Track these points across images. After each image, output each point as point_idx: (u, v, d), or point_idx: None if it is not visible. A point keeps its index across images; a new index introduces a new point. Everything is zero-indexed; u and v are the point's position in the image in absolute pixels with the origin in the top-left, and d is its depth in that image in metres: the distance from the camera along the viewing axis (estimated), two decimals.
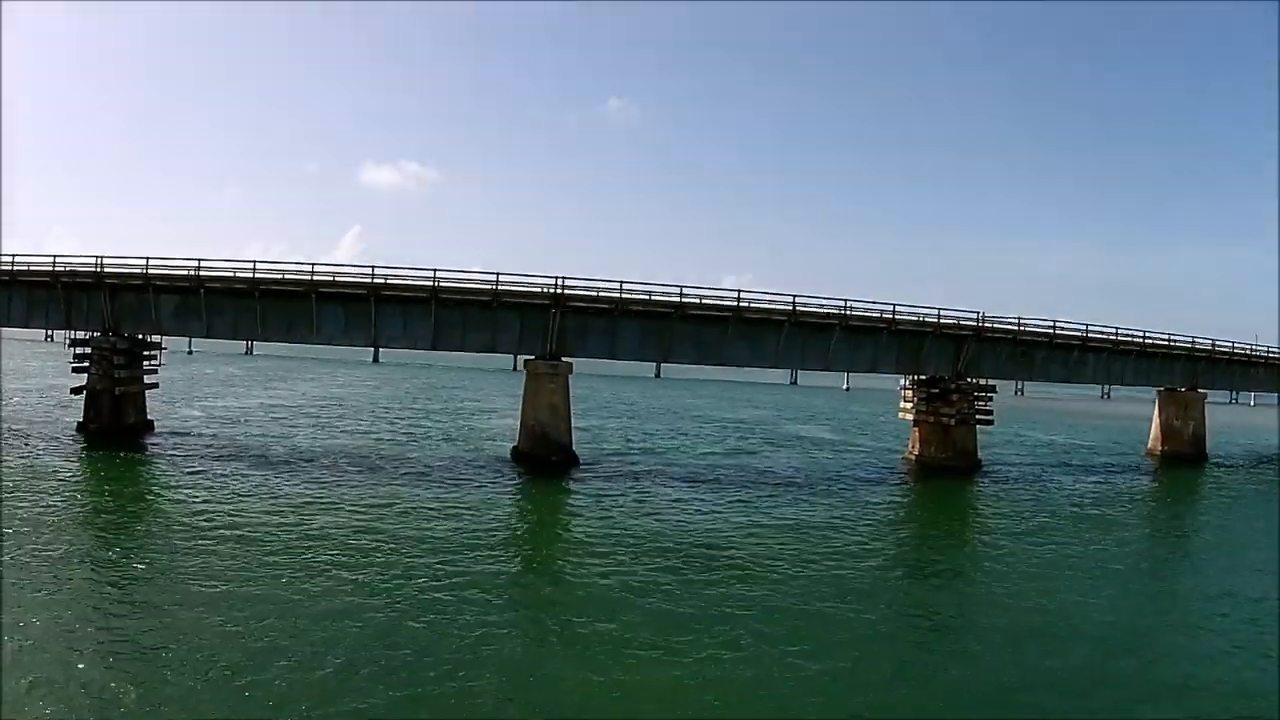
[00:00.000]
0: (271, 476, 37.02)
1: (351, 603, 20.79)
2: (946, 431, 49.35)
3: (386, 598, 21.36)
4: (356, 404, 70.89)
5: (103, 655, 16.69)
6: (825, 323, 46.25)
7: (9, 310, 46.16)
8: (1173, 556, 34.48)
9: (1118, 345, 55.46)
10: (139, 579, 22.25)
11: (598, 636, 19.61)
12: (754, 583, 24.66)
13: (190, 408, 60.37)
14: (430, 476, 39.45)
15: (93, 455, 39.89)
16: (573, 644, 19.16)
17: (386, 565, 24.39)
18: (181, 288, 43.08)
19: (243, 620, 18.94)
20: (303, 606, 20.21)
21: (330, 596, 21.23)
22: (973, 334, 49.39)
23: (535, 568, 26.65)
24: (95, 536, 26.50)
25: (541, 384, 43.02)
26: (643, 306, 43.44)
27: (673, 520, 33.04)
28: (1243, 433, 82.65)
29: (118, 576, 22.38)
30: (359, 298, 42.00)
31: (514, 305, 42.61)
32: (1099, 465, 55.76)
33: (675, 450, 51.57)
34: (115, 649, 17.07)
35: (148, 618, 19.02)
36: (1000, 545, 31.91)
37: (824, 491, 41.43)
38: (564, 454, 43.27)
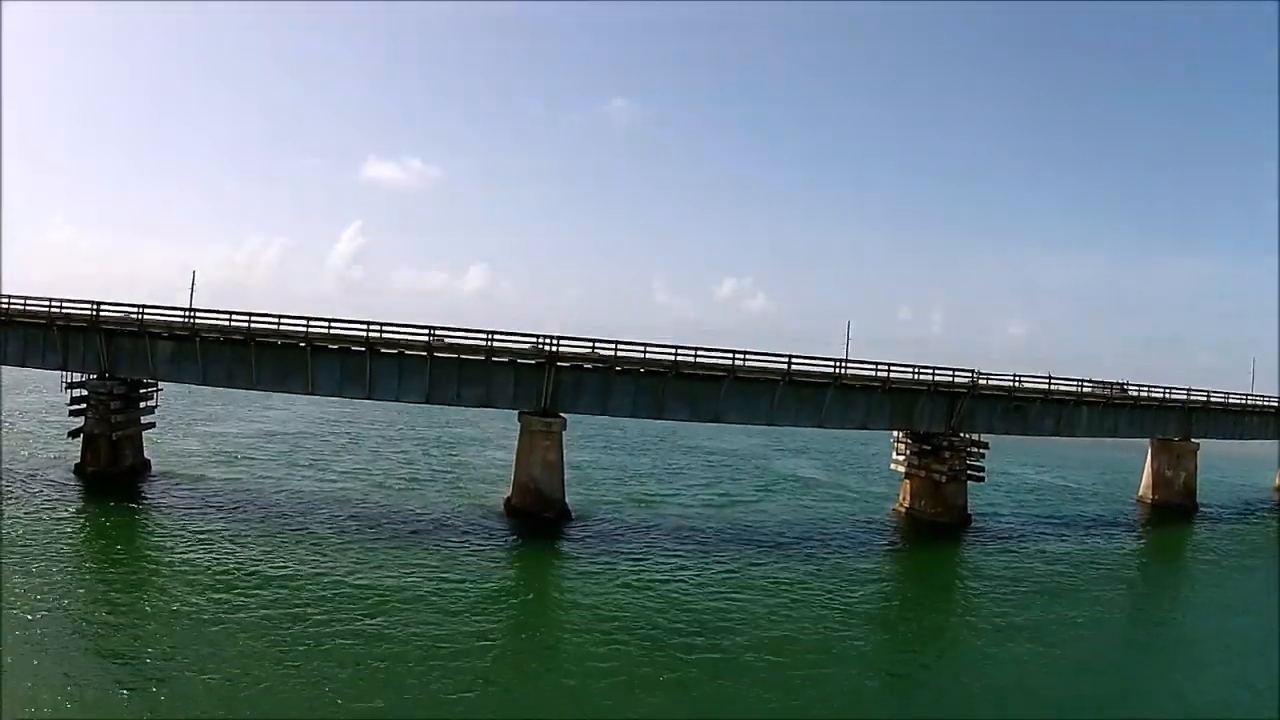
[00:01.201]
0: (263, 530, 37.42)
1: (335, 675, 22.27)
2: (938, 487, 49.57)
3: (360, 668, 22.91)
4: (354, 429, 70.99)
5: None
6: (820, 382, 46.40)
7: (6, 349, 46.04)
8: (1143, 640, 34.53)
9: (1111, 400, 55.75)
10: (127, 650, 23.32)
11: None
12: (741, 676, 25.09)
13: (189, 437, 60.49)
14: (422, 533, 39.66)
15: (89, 503, 40.07)
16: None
17: (372, 639, 25.69)
18: (177, 335, 43.11)
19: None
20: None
21: (314, 666, 22.78)
22: (966, 391, 49.56)
23: (518, 652, 26.99)
24: (85, 597, 27.80)
25: (536, 441, 43.09)
26: (638, 366, 43.54)
27: (662, 591, 33.43)
28: (1236, 467, 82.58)
29: (106, 643, 23.64)
30: (355, 351, 42.03)
31: (508, 361, 42.71)
32: (1088, 519, 55.79)
33: (667, 501, 51.49)
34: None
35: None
36: (982, 627, 32.07)
37: (812, 555, 41.44)
38: (557, 510, 43.36)
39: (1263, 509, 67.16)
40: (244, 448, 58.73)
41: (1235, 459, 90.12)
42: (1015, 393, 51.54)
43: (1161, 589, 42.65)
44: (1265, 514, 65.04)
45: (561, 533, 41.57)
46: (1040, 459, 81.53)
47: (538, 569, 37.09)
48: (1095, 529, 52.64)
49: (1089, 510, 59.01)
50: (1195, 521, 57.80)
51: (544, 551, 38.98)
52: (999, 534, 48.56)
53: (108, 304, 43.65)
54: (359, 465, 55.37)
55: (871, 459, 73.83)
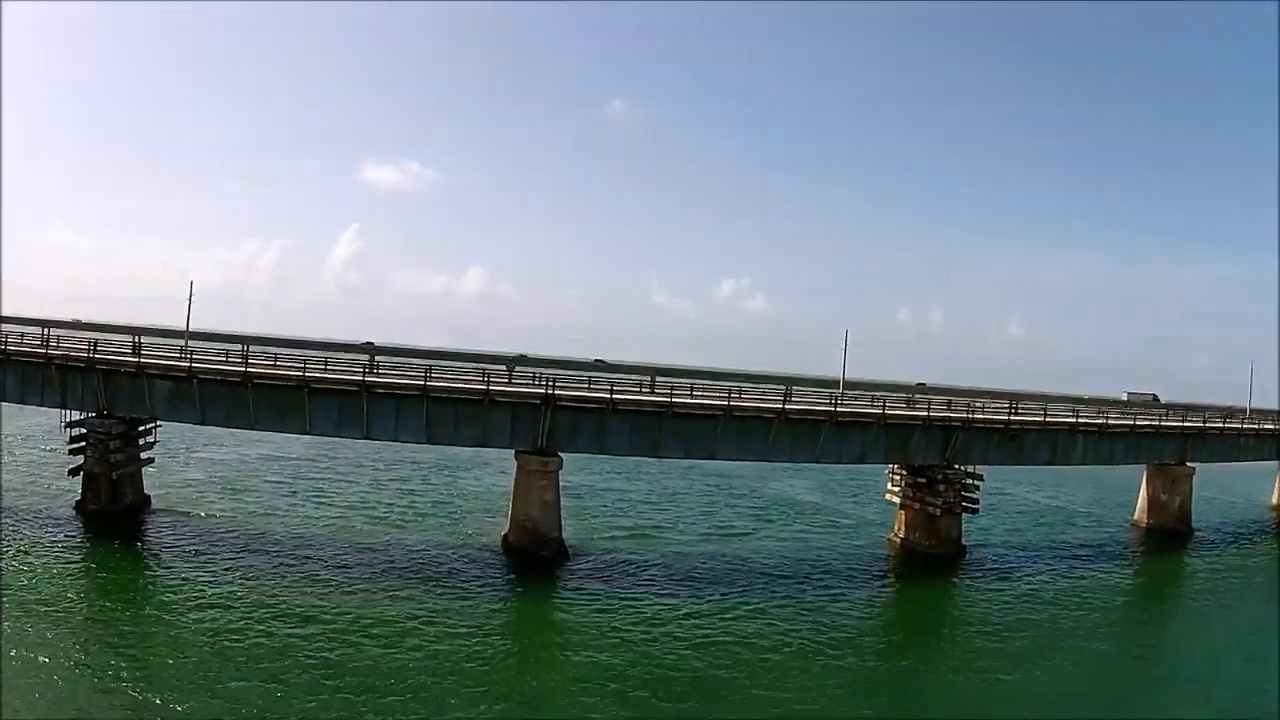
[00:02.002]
0: (263, 569, 38.21)
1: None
2: (932, 520, 49.82)
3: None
4: (354, 453, 71.10)
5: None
6: (814, 419, 46.64)
7: (4, 385, 46.20)
8: (1129, 678, 34.81)
9: (1107, 428, 55.96)
10: (129, 689, 24.81)
11: None
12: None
13: (189, 464, 60.74)
14: (421, 572, 40.25)
15: (92, 544, 40.61)
16: None
17: (360, 687, 26.77)
18: (175, 376, 43.35)
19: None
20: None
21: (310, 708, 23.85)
22: (962, 424, 49.80)
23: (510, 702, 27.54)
24: (87, 639, 29.10)
25: (533, 481, 43.38)
26: (633, 406, 43.78)
27: (657, 640, 34.10)
28: (1233, 483, 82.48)
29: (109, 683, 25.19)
30: (351, 393, 42.27)
31: (505, 403, 42.96)
32: (1081, 548, 55.89)
33: (663, 533, 51.69)
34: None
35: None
36: (966, 688, 32.38)
37: (807, 590, 41.97)
38: (554, 548, 43.63)
39: (1257, 531, 67.58)
40: (245, 475, 58.98)
41: (1232, 471, 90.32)
42: (1010, 424, 51.71)
43: (1149, 632, 42.65)
44: (1259, 537, 65.46)
45: (558, 573, 41.88)
46: (1035, 476, 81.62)
47: (533, 616, 37.44)
48: (1088, 560, 52.72)
49: (1082, 536, 59.19)
50: (1189, 549, 58.09)
51: (540, 596, 39.33)
52: (991, 567, 48.83)
53: (104, 347, 43.91)
54: (359, 496, 55.52)
55: (866, 478, 74.00)
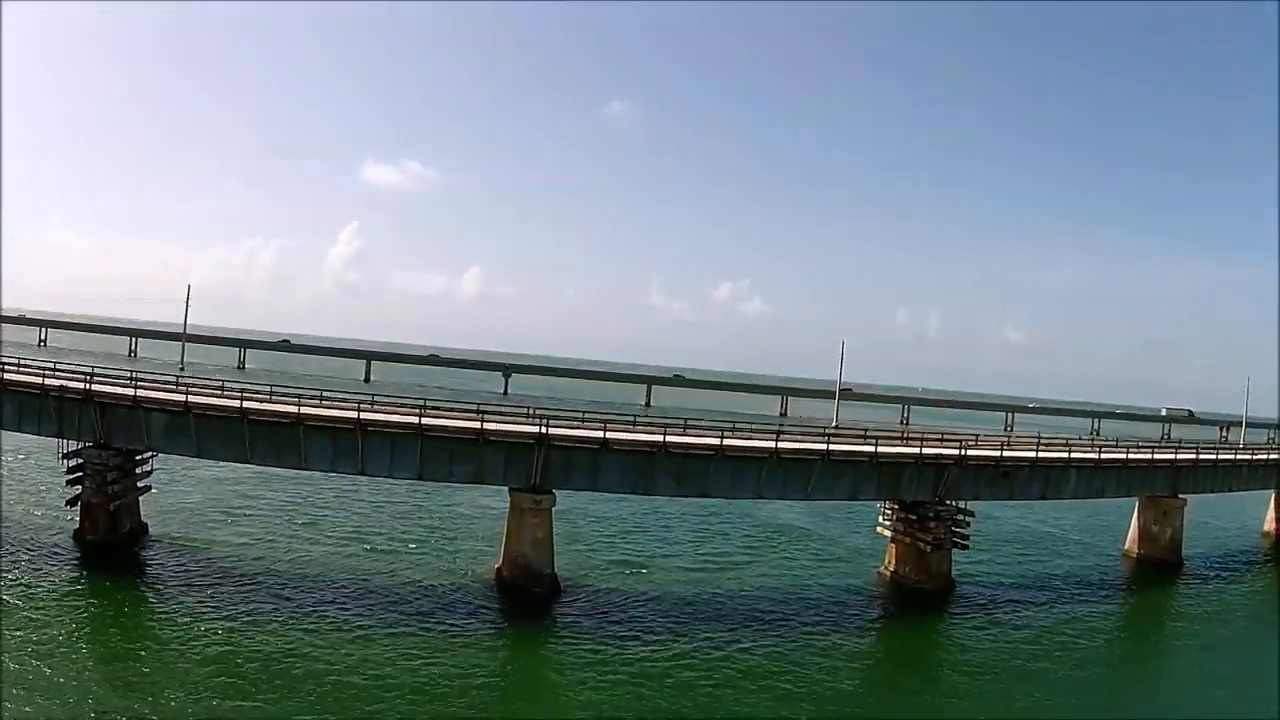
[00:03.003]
0: (257, 604, 38.80)
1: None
2: (923, 555, 50.10)
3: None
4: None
5: None
6: (807, 459, 46.95)
7: (1, 414, 46.52)
8: None
9: (1100, 463, 56.24)
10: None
11: None
12: None
13: (186, 481, 60.83)
14: (415, 606, 40.69)
15: (89, 575, 41.02)
16: None
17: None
18: (171, 410, 43.64)
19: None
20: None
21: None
22: (954, 462, 50.09)
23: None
24: (84, 674, 30.35)
25: (526, 519, 43.68)
26: (626, 446, 44.10)
27: (647, 674, 35.24)
28: (1226, 507, 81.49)
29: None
30: (346, 431, 42.55)
31: (499, 442, 43.26)
32: (1071, 581, 56.07)
33: (656, 565, 51.77)
34: None
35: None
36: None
37: (796, 630, 42.27)
38: (546, 585, 43.91)
39: (1249, 561, 67.60)
40: (240, 496, 58.98)
41: (1225, 495, 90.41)
42: (1003, 461, 52.00)
43: (1137, 676, 42.93)
44: (1249, 569, 65.43)
45: (551, 610, 42.27)
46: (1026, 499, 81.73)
47: (526, 656, 37.76)
48: (1076, 597, 52.61)
49: (1072, 568, 59.25)
50: (1179, 582, 58.19)
51: (533, 635, 39.61)
52: (981, 603, 48.94)
53: (100, 378, 44.19)
54: (355, 521, 55.66)
55: (857, 503, 74.11)
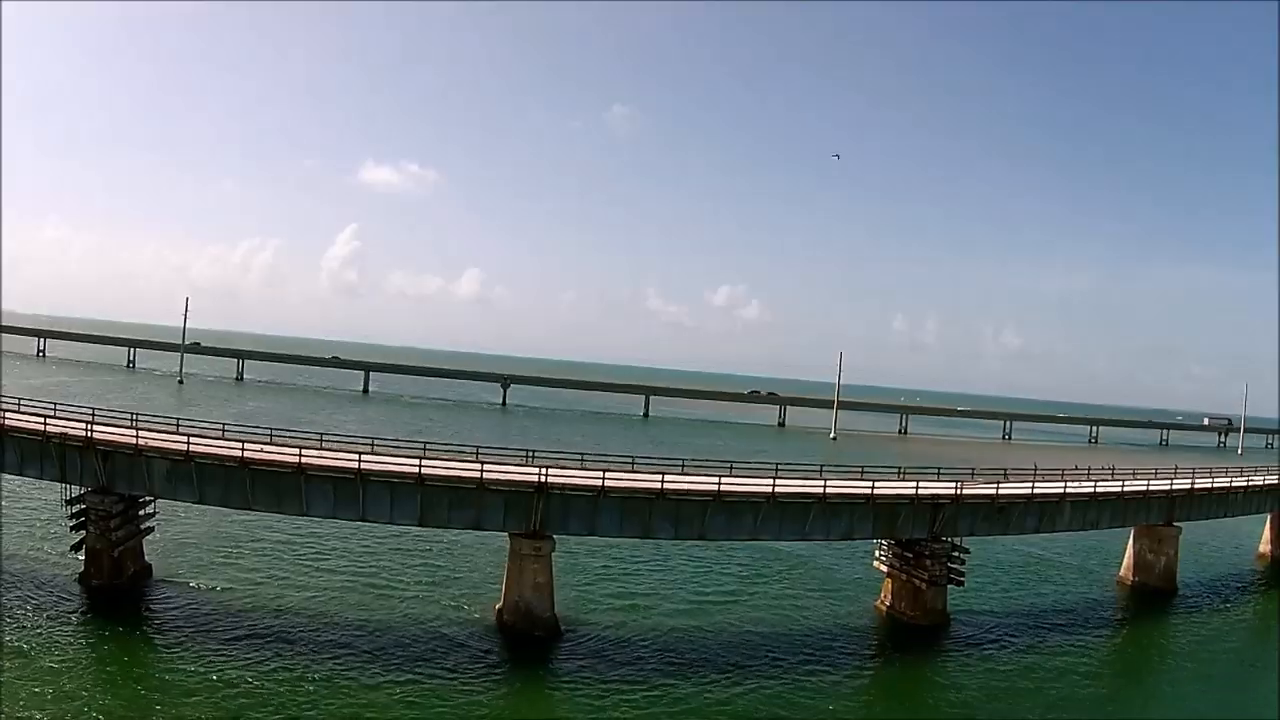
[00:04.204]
0: (261, 647, 39.51)
1: None
2: (918, 593, 50.60)
3: None
4: None
5: None
6: (803, 501, 47.40)
7: (3, 459, 46.77)
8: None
9: (1095, 497, 56.68)
10: None
11: None
12: None
13: (189, 516, 60.71)
14: (416, 650, 41.22)
15: (95, 620, 41.41)
16: None
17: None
18: (173, 458, 43.96)
19: None
20: None
21: None
22: (950, 501, 50.56)
23: None
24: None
25: (525, 564, 44.09)
26: (624, 493, 44.57)
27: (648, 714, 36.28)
28: (1220, 528, 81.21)
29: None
30: (347, 480, 42.94)
31: (498, 490, 43.68)
32: (1066, 610, 56.65)
33: (654, 602, 52.08)
34: None
35: None
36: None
37: (793, 670, 42.88)
38: (547, 628, 44.31)
39: (1243, 586, 67.93)
40: (243, 530, 58.39)
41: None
42: (997, 499, 52.44)
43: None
44: (1243, 595, 65.85)
45: (551, 654, 42.74)
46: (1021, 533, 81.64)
47: (526, 704, 38.07)
48: (1070, 629, 53.06)
49: (1066, 599, 59.66)
50: (1173, 612, 58.71)
51: (533, 681, 40.17)
52: (976, 640, 49.29)
53: (101, 424, 44.54)
54: (358, 558, 55.75)
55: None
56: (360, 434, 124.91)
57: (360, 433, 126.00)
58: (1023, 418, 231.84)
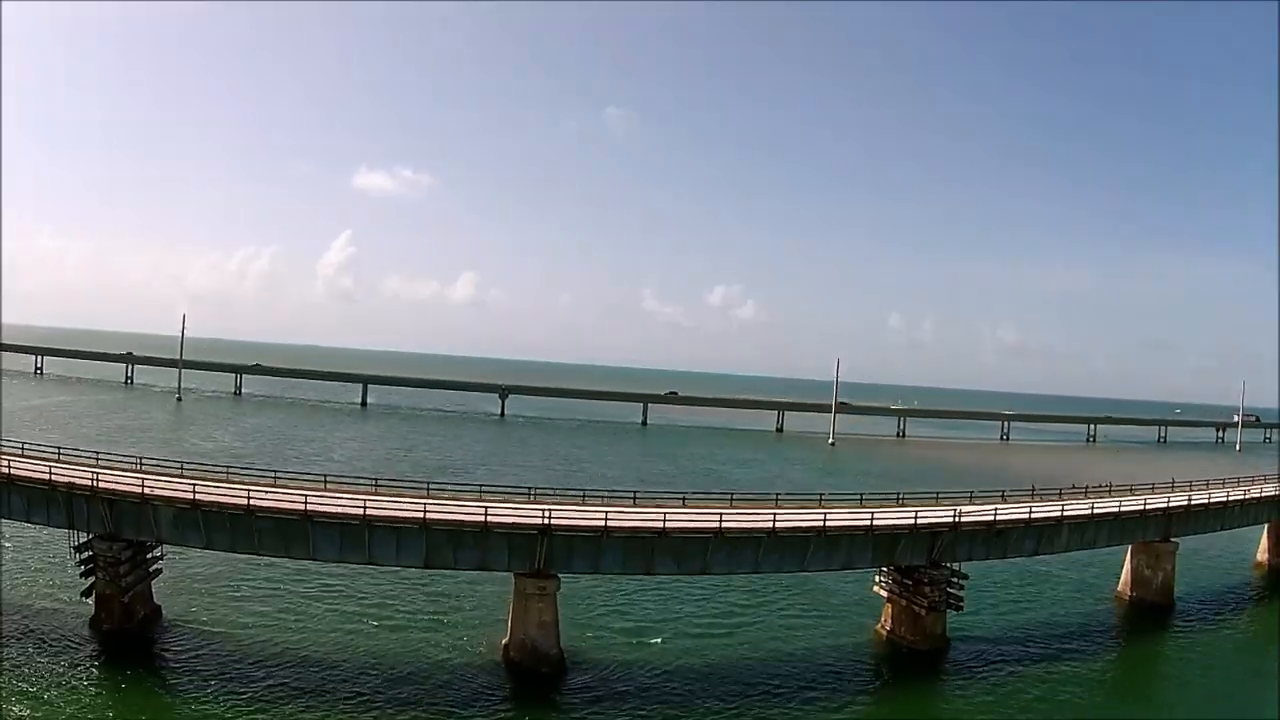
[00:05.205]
0: (273, 690, 40.29)
1: None
2: (918, 619, 51.18)
3: None
4: None
5: None
6: (803, 534, 47.98)
7: (9, 506, 47.02)
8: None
9: (1093, 517, 57.22)
10: None
11: None
12: None
13: (195, 550, 60.77)
14: (425, 688, 41.99)
15: (107, 665, 41.95)
16: None
17: None
18: (179, 506, 44.34)
19: None
20: None
21: None
22: (949, 528, 51.13)
23: None
24: None
25: (530, 603, 44.61)
26: (627, 532, 45.16)
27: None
28: (1217, 538, 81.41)
29: None
30: (352, 525, 43.42)
31: (503, 533, 44.20)
32: (1063, 630, 56.99)
33: (657, 630, 52.69)
34: None
35: None
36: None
37: (794, 702, 43.55)
38: (553, 664, 44.85)
39: (1240, 599, 68.00)
40: (255, 565, 56.69)
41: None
42: (996, 524, 53.00)
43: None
44: (1240, 607, 66.01)
45: (557, 692, 43.26)
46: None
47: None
48: (1068, 647, 53.70)
49: (1064, 616, 60.06)
50: (1171, 628, 59.14)
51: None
52: (974, 664, 49.89)
53: (106, 470, 44.93)
54: (364, 594, 55.67)
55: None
56: (360, 452, 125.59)
57: (361, 450, 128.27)
58: (1020, 418, 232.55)
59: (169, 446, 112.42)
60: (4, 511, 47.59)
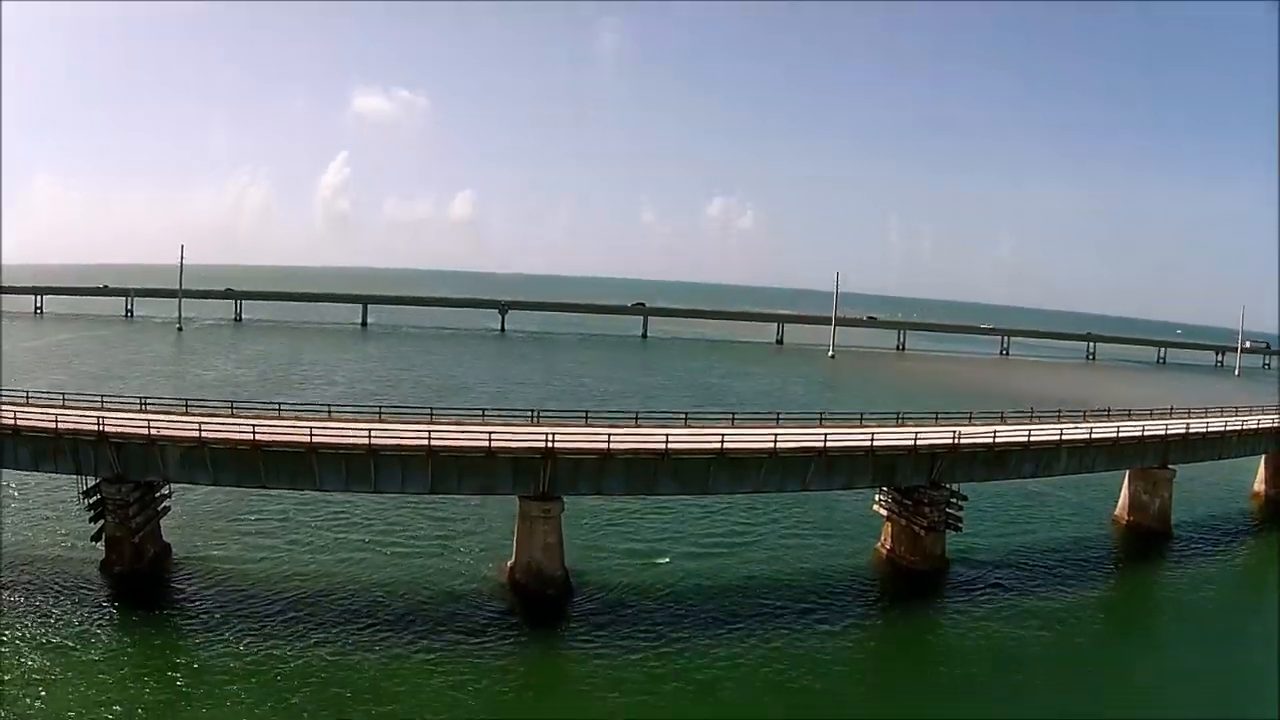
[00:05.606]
0: (283, 621, 41.07)
1: None
2: (917, 538, 51.97)
3: None
4: None
5: None
6: (804, 455, 48.37)
7: (16, 457, 46.36)
8: None
9: (1091, 443, 57.35)
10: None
11: None
12: None
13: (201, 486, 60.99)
14: (433, 614, 42.93)
15: (119, 606, 42.36)
16: None
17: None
18: (186, 445, 44.34)
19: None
20: None
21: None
22: (947, 450, 51.50)
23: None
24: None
25: (535, 526, 45.29)
26: (629, 454, 45.53)
27: (657, 675, 38.22)
28: (1215, 467, 75.13)
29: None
30: (358, 455, 43.70)
31: (507, 457, 44.58)
32: (1061, 552, 57.63)
33: (660, 550, 53.54)
34: None
35: None
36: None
37: (798, 620, 44.63)
38: (558, 586, 45.75)
39: (1234, 529, 67.03)
40: (262, 495, 56.25)
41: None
42: (995, 447, 53.31)
43: (1122, 668, 43.39)
44: (1236, 537, 65.31)
45: (563, 612, 44.41)
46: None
47: (540, 667, 40.03)
48: (1065, 572, 54.29)
49: (1062, 539, 60.50)
50: (1168, 554, 59.26)
51: (544, 644, 41.97)
52: (974, 585, 50.72)
53: (112, 414, 44.75)
54: (370, 523, 56.04)
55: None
56: (363, 374, 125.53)
57: (362, 372, 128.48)
58: (1021, 334, 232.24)
59: (172, 380, 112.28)
60: (11, 462, 46.89)
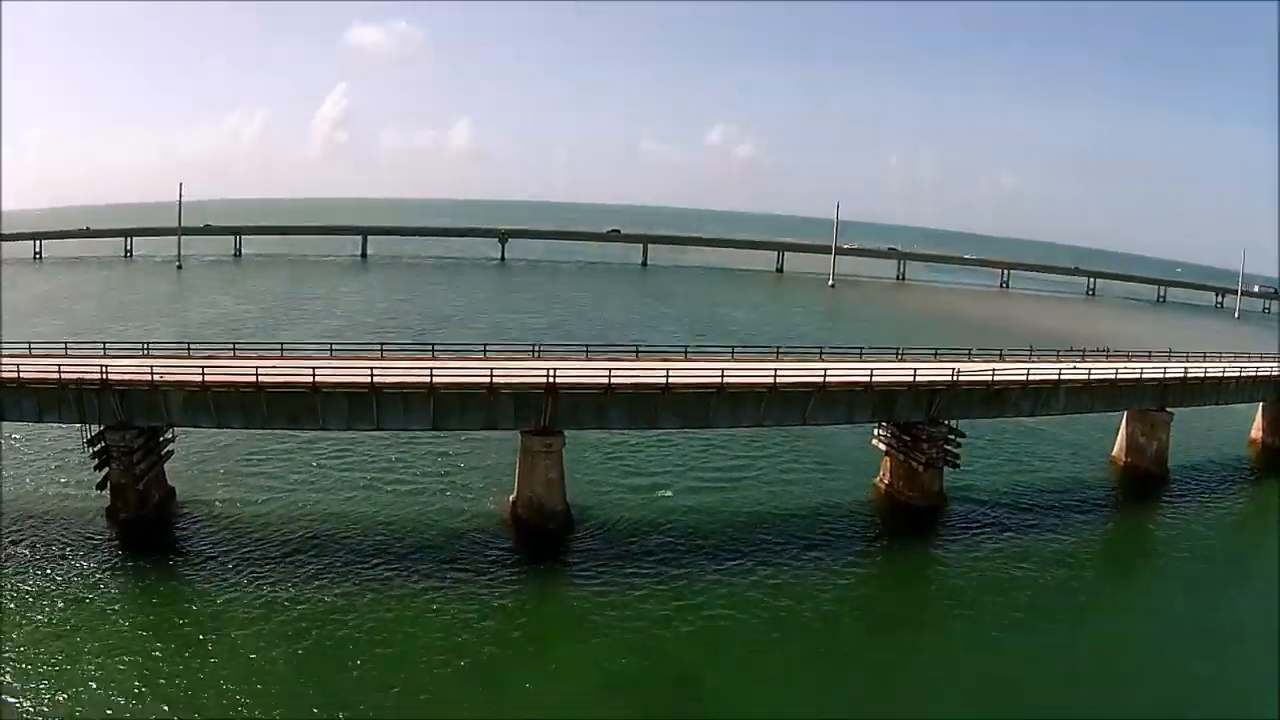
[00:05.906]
0: (287, 564, 41.57)
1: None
2: (915, 474, 52.52)
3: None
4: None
5: None
6: (803, 390, 48.65)
7: (20, 409, 45.96)
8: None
9: (1090, 384, 57.43)
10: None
11: None
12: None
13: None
14: (436, 552, 43.51)
15: (126, 552, 42.73)
16: None
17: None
18: (190, 389, 44.25)
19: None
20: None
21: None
22: (946, 387, 51.75)
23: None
24: (136, 653, 33.92)
25: (537, 460, 45.84)
26: (630, 389, 45.80)
27: (656, 614, 38.72)
28: (1213, 412, 73.92)
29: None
30: (361, 395, 43.93)
31: (509, 394, 44.84)
32: (1058, 490, 57.94)
33: (660, 484, 54.19)
34: None
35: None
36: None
37: (796, 556, 45.39)
38: (559, 520, 46.53)
39: (1231, 475, 66.49)
40: (257, 440, 56.70)
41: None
42: (993, 385, 53.48)
43: (1115, 616, 43.29)
44: (1232, 484, 64.87)
45: (565, 547, 45.19)
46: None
47: (538, 601, 40.65)
48: (1065, 508, 54.81)
49: (1059, 479, 60.58)
50: (1165, 496, 59.31)
51: (545, 577, 42.65)
52: (971, 522, 51.39)
53: (115, 363, 44.88)
54: (374, 456, 56.51)
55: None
56: (363, 306, 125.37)
57: (363, 304, 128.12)
58: (1021, 267, 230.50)
59: (173, 319, 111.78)
60: (15, 415, 46.49)
